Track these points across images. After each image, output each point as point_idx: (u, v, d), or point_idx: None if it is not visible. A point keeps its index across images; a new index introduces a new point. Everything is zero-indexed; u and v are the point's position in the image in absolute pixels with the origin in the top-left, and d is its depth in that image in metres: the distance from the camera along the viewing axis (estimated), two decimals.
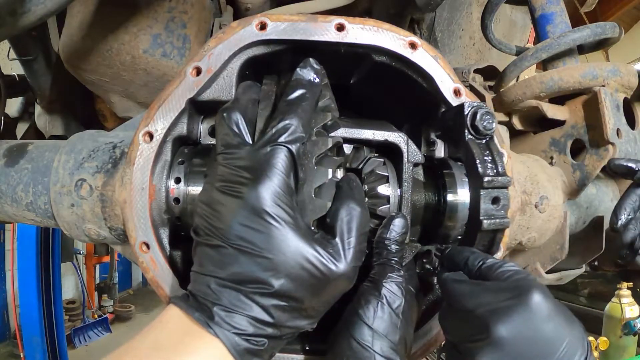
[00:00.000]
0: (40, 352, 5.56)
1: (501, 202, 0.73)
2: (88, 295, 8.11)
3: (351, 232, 0.62)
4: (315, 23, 0.77)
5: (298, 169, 0.62)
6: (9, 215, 0.97)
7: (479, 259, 0.68)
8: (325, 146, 0.68)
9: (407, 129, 0.97)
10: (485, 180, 0.72)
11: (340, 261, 0.59)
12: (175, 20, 1.30)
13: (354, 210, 0.63)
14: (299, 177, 0.62)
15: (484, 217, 0.72)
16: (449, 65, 0.82)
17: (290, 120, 0.62)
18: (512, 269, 0.64)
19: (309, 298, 0.58)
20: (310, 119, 0.66)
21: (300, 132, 0.61)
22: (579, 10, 1.83)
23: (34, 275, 5.57)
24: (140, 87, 1.40)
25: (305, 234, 0.58)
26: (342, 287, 0.62)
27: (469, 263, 0.68)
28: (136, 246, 0.78)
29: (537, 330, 0.57)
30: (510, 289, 0.60)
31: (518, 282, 0.61)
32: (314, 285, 0.58)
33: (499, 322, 0.57)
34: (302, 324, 0.61)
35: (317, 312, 0.62)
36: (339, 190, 0.67)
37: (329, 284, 0.59)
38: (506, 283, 0.62)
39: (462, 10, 1.72)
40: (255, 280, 0.56)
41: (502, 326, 0.57)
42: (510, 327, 0.57)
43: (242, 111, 0.67)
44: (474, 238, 0.75)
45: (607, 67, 1.09)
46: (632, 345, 4.90)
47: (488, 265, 0.66)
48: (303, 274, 0.57)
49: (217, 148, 0.65)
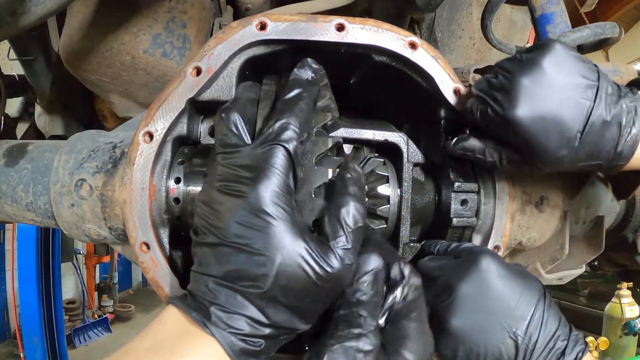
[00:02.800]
0: (40, 352, 5.55)
1: (469, 204, 0.84)
2: (88, 295, 8.10)
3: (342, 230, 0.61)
4: (315, 23, 0.77)
5: (296, 168, 0.61)
6: (9, 215, 0.97)
7: (445, 244, 0.81)
8: (325, 146, 0.68)
9: (407, 129, 0.97)
10: (455, 185, 0.83)
11: (333, 261, 0.58)
12: (175, 20, 1.30)
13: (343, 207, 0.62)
14: (297, 177, 0.62)
15: (454, 216, 0.83)
16: (449, 65, 0.82)
17: (288, 119, 0.62)
18: (469, 245, 0.80)
19: (303, 297, 0.58)
20: (308, 117, 0.66)
21: (297, 131, 0.61)
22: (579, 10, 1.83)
23: (34, 275, 5.56)
24: (140, 87, 1.40)
25: (302, 232, 0.58)
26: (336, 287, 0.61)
27: (439, 249, 0.81)
28: (136, 246, 0.78)
29: (490, 287, 0.69)
30: (466, 257, 0.74)
31: (472, 251, 0.75)
32: (308, 283, 0.57)
33: (459, 282, 0.70)
34: (298, 325, 0.60)
35: (312, 312, 0.61)
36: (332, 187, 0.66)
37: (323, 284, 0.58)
38: (464, 254, 0.76)
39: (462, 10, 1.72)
40: (251, 278, 0.56)
41: (462, 284, 0.70)
42: (468, 285, 0.70)
43: (241, 111, 0.67)
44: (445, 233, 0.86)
45: (607, 67, 1.08)
46: (632, 345, 4.90)
47: (452, 248, 0.79)
48: (298, 272, 0.57)
49: (216, 148, 0.65)
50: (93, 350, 7.10)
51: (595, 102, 0.69)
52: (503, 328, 0.68)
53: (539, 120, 0.70)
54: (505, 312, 0.68)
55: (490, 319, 0.69)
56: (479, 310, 0.69)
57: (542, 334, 0.68)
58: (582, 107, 0.69)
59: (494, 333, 0.68)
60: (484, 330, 0.68)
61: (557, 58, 0.71)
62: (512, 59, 0.75)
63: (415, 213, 0.85)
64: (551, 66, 0.70)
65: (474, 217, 0.85)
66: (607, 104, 0.69)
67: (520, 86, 0.70)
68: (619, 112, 0.70)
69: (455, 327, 0.69)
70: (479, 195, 0.86)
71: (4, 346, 6.59)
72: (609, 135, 0.70)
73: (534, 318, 0.68)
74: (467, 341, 0.69)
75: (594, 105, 0.69)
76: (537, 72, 0.70)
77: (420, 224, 0.89)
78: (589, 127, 0.69)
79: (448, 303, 0.71)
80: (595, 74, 0.71)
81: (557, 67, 0.70)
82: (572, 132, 0.69)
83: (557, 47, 0.72)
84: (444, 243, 0.82)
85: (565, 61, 0.71)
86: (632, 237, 1.32)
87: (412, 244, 0.83)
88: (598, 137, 0.70)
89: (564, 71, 0.70)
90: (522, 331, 0.68)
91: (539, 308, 0.69)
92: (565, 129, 0.69)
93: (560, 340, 0.68)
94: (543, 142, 0.71)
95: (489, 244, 0.85)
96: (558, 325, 0.69)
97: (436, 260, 0.79)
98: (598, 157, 0.72)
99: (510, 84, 0.71)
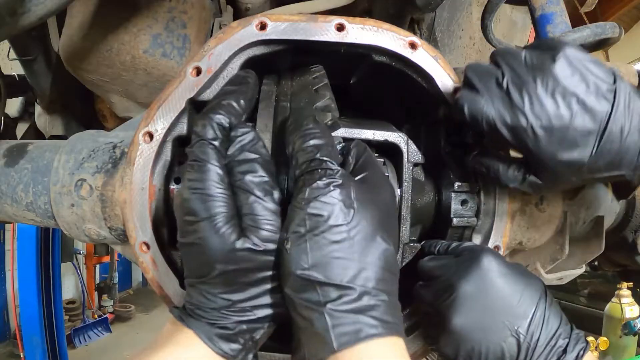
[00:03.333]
0: (40, 352, 5.55)
1: (469, 204, 0.84)
2: (88, 295, 8.10)
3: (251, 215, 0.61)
4: (315, 23, 0.77)
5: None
6: (9, 215, 0.97)
7: (445, 244, 0.81)
8: None
9: (407, 129, 0.97)
10: (456, 185, 0.84)
11: (246, 238, 0.59)
12: (175, 20, 1.30)
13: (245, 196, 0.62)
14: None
15: (454, 216, 0.84)
16: (449, 65, 0.82)
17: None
18: (470, 244, 0.80)
19: (237, 275, 0.60)
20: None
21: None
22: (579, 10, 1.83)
23: (34, 275, 5.56)
24: (140, 87, 1.40)
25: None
26: (249, 263, 0.60)
27: (440, 248, 0.81)
28: (136, 246, 0.78)
29: (492, 286, 0.69)
30: (467, 256, 0.74)
31: (473, 250, 0.75)
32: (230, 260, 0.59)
33: (460, 280, 0.70)
34: (254, 302, 0.62)
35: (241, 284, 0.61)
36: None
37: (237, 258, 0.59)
38: (465, 253, 0.75)
39: (462, 10, 1.71)
40: (200, 274, 0.61)
41: (463, 283, 0.69)
42: (469, 283, 0.69)
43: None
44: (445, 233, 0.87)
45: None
46: (632, 345, 4.89)
47: (452, 247, 0.79)
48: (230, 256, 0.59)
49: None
50: (93, 350, 7.10)
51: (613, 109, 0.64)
52: (505, 326, 0.68)
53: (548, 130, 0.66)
54: (506, 311, 0.68)
55: (492, 317, 0.68)
56: (480, 309, 0.69)
57: (544, 332, 0.68)
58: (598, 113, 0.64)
59: (495, 331, 0.68)
60: (485, 328, 0.68)
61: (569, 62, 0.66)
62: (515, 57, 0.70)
63: (415, 213, 0.85)
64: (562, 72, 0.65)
65: (474, 217, 0.85)
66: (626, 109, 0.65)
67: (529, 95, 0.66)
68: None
69: (456, 326, 0.69)
70: (479, 195, 0.86)
71: (4, 346, 6.59)
72: (630, 142, 0.65)
73: (536, 316, 0.68)
74: (468, 340, 0.69)
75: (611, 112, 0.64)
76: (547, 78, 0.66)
77: (420, 224, 0.90)
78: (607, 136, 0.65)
79: (449, 302, 0.70)
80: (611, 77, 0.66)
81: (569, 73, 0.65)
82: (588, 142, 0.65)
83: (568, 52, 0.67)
84: (445, 243, 0.82)
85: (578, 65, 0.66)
86: (632, 237, 1.32)
87: (412, 244, 0.83)
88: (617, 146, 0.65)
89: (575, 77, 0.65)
90: (524, 329, 0.67)
91: (540, 306, 0.69)
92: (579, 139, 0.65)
93: (562, 339, 0.68)
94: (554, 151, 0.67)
95: (489, 244, 0.85)
96: (559, 323, 0.69)
97: (437, 259, 0.78)
98: (619, 166, 0.68)
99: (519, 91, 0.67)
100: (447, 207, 0.85)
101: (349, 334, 0.54)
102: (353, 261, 0.56)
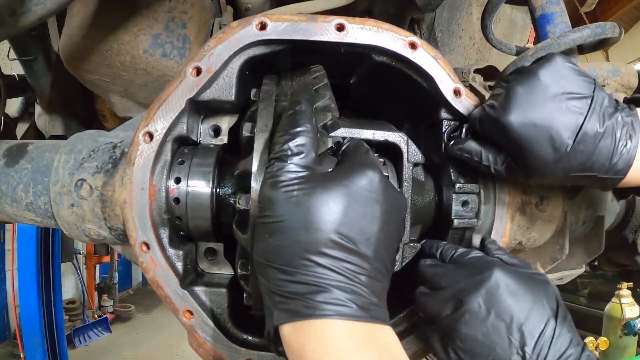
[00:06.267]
0: (40, 352, 5.56)
1: (470, 205, 0.84)
2: (88, 295, 8.10)
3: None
4: (315, 23, 0.77)
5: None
6: (9, 215, 0.97)
7: (451, 248, 0.80)
8: (325, 146, 0.68)
9: (407, 129, 0.97)
10: (457, 186, 0.83)
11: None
12: (175, 20, 1.30)
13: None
14: None
15: (455, 217, 0.83)
16: (449, 65, 0.82)
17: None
18: (478, 254, 0.78)
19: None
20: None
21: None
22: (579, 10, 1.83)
23: (34, 275, 5.56)
24: (140, 87, 1.40)
25: None
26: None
27: (442, 252, 0.80)
28: (136, 246, 0.78)
29: (500, 301, 0.69)
30: (477, 268, 0.73)
31: (483, 263, 0.74)
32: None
33: (468, 296, 0.70)
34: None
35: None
36: None
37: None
38: (474, 265, 0.74)
39: (462, 10, 1.71)
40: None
41: (471, 300, 0.69)
42: (478, 300, 0.69)
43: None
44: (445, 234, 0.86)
45: (606, 67, 1.08)
46: (632, 345, 4.89)
47: (459, 254, 0.78)
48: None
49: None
50: (93, 350, 7.10)
51: (589, 113, 0.71)
52: (511, 344, 0.68)
53: (530, 126, 0.72)
54: (514, 328, 0.68)
55: (499, 334, 0.68)
56: (487, 326, 0.69)
57: (552, 350, 0.67)
58: (575, 117, 0.71)
59: (502, 349, 0.68)
60: (492, 345, 0.68)
61: (554, 69, 0.74)
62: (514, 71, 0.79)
63: (416, 213, 0.85)
64: (547, 77, 0.73)
65: (475, 218, 0.85)
66: (601, 116, 0.71)
67: (514, 93, 0.74)
68: (614, 124, 0.71)
69: (463, 341, 0.70)
70: (479, 195, 0.86)
71: (4, 346, 6.59)
72: (603, 147, 0.71)
73: (544, 335, 0.68)
74: (475, 356, 0.69)
75: (587, 116, 0.71)
76: (532, 81, 0.73)
77: (420, 224, 0.89)
78: (581, 136, 0.70)
79: (457, 316, 0.70)
80: (591, 86, 0.73)
81: (553, 78, 0.73)
82: (563, 140, 0.71)
83: (557, 60, 0.74)
84: (447, 246, 0.81)
85: (563, 73, 0.73)
86: (632, 237, 1.32)
87: (412, 244, 0.83)
88: (591, 147, 0.71)
89: (559, 82, 0.73)
90: (530, 348, 0.67)
91: (550, 324, 0.68)
92: (556, 137, 0.71)
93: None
94: (534, 149, 0.73)
95: None
96: (569, 343, 0.68)
97: (442, 267, 0.78)
98: (591, 168, 0.73)
99: (506, 92, 0.75)
100: (448, 207, 0.85)
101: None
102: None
